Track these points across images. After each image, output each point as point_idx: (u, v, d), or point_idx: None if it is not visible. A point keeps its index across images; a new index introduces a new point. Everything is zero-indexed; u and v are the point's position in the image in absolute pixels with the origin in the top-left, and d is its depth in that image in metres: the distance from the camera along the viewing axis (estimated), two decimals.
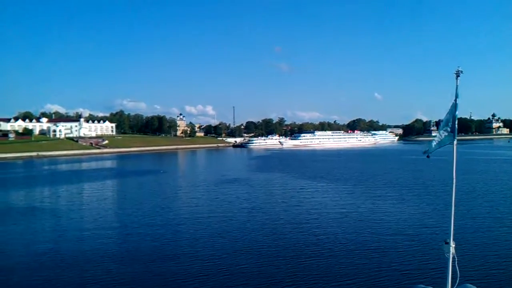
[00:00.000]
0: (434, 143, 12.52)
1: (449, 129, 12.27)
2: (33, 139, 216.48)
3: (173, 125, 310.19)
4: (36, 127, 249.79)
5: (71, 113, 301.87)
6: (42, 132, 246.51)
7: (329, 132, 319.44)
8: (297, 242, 35.72)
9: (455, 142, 12.16)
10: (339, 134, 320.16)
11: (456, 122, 12.10)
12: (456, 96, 12.09)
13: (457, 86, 12.16)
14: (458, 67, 12.22)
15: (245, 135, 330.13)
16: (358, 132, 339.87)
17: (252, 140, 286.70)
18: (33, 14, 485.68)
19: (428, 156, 12.51)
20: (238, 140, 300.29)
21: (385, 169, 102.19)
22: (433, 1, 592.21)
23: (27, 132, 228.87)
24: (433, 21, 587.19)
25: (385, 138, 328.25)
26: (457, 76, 12.23)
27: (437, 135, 12.66)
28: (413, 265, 28.83)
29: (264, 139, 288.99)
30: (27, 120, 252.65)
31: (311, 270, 28.47)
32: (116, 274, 28.51)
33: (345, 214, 46.92)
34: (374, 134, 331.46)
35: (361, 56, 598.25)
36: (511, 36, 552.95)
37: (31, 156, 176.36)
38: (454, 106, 12.06)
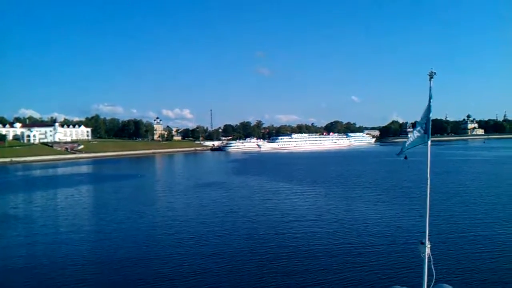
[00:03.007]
0: (407, 143, 12.66)
1: (422, 130, 12.40)
2: (6, 144, 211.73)
3: (150, 129, 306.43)
4: (10, 132, 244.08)
5: (46, 118, 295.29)
6: (16, 138, 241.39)
7: (306, 135, 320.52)
8: (271, 245, 35.69)
9: (429, 142, 12.28)
10: (315, 136, 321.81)
11: (430, 123, 12.22)
12: (430, 97, 12.22)
13: (430, 87, 12.31)
14: (431, 69, 12.37)
15: (223, 138, 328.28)
16: (334, 134, 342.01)
17: (230, 144, 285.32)
18: (7, 18, 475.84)
19: (405, 157, 12.63)
20: (216, 143, 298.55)
21: (359, 170, 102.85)
22: (407, 6, 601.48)
23: (0, 137, 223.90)
24: (408, 26, 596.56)
25: (362, 140, 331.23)
26: (431, 77, 12.38)
27: (410, 135, 12.80)
28: (389, 266, 28.96)
29: (242, 142, 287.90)
30: (0, 125, 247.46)
31: (285, 272, 28.40)
32: (88, 280, 28.09)
33: (320, 216, 47.08)
34: (349, 136, 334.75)
35: (339, 60, 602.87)
36: (484, 39, 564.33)
37: (4, 162, 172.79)
38: (428, 107, 12.19)
